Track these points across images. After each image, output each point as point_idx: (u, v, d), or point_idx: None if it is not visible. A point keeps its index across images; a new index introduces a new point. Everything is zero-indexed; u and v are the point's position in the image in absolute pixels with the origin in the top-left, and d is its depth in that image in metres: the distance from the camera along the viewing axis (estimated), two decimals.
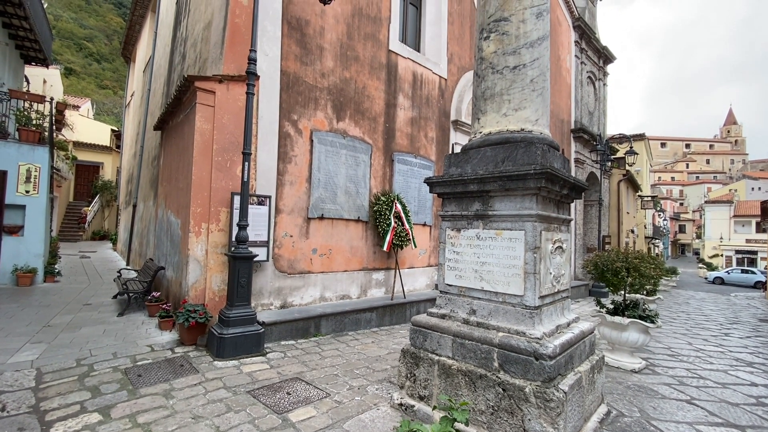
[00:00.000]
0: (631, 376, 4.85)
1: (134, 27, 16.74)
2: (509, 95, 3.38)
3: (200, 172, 5.17)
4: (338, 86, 6.72)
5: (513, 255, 3.09)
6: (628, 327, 5.03)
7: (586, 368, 3.18)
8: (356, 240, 7.00)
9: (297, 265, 6.11)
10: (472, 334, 3.13)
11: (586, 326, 3.47)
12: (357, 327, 6.30)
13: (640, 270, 4.96)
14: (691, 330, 8.63)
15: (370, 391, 3.85)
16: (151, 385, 3.72)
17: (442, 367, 3.23)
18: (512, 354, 2.87)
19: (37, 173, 8.25)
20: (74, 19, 51.97)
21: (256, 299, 5.60)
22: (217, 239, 5.21)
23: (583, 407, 3.04)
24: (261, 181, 5.65)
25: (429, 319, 3.53)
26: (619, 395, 4.12)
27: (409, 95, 8.07)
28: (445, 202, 3.66)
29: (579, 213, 14.96)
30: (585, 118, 15.64)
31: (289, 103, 6.06)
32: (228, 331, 4.49)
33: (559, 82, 13.80)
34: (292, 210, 6.05)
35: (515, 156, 3.16)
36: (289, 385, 3.89)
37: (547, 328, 3.01)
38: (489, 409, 2.90)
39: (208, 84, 5.25)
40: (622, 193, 18.46)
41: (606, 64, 17.63)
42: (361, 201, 7.05)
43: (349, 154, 6.83)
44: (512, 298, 3.08)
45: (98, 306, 6.76)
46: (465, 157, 3.54)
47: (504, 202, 3.21)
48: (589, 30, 15.50)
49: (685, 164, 73.37)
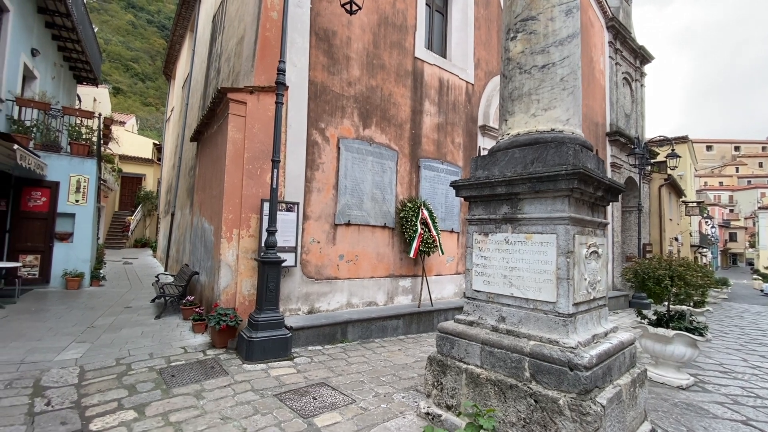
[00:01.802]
0: (677, 393, 4.50)
1: (174, 46, 17.76)
2: (538, 95, 3.28)
3: (232, 180, 5.34)
4: (364, 94, 6.79)
5: (544, 260, 2.97)
6: (673, 340, 4.69)
7: (626, 381, 2.98)
8: (382, 246, 6.99)
9: (324, 270, 6.15)
10: (501, 342, 3.01)
11: (625, 336, 3.26)
12: (383, 334, 6.24)
13: (686, 278, 4.63)
14: (746, 345, 7.95)
15: (396, 399, 3.78)
16: (183, 385, 3.83)
17: (470, 376, 3.12)
18: (545, 364, 2.73)
19: (86, 184, 8.83)
20: (122, 42, 55.88)
21: (284, 304, 5.68)
22: (247, 245, 5.35)
23: (623, 423, 2.84)
24: (289, 188, 5.76)
25: (456, 326, 3.43)
26: (664, 413, 3.83)
27: (435, 101, 8.04)
28: (472, 205, 3.58)
29: (617, 220, 14.27)
30: (621, 120, 15.00)
31: (317, 112, 6.18)
32: (257, 335, 4.57)
33: (592, 85, 13.33)
34: (319, 216, 6.13)
35: (545, 157, 3.05)
36: (316, 390, 3.89)
37: (583, 337, 2.85)
38: (520, 422, 2.76)
39: (239, 95, 5.44)
40: (663, 198, 17.46)
41: (643, 65, 16.89)
42: (388, 207, 7.04)
43: (375, 160, 6.86)
44: (544, 305, 2.94)
45: (138, 309, 7.08)
46: (492, 159, 3.45)
47: (534, 204, 3.10)
48: (623, 30, 14.93)
49: (734, 168, 68.51)
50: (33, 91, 9.04)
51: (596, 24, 13.77)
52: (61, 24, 9.82)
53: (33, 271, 8.22)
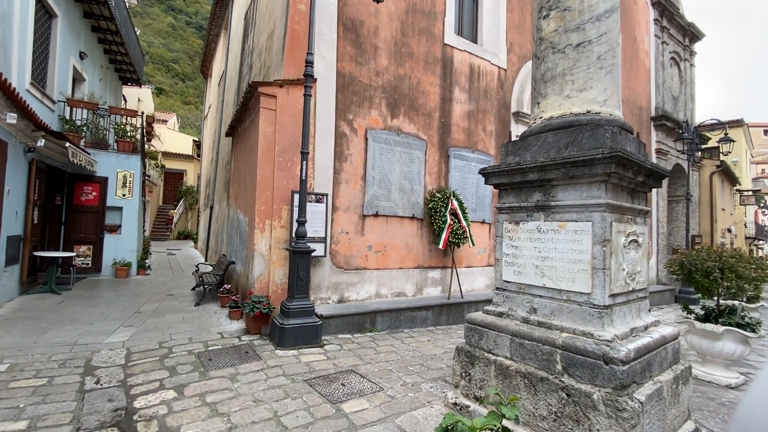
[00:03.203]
0: (725, 392, 4.21)
1: (210, 45, 18.37)
2: (572, 75, 3.11)
3: (264, 172, 5.48)
4: (392, 83, 6.73)
5: (579, 249, 2.83)
6: (722, 336, 4.37)
7: (668, 378, 2.81)
8: (411, 237, 6.95)
9: (353, 261, 6.22)
10: (532, 334, 2.92)
11: (668, 331, 3.06)
12: (412, 325, 6.24)
13: (737, 271, 4.28)
14: None
15: (424, 389, 3.77)
16: (219, 368, 4.01)
17: (499, 368, 3.05)
18: (578, 357, 2.62)
19: (131, 179, 9.37)
20: (163, 45, 58.46)
21: (315, 293, 5.80)
22: (279, 235, 5.49)
23: (664, 422, 2.68)
24: (318, 179, 5.84)
25: (485, 317, 3.37)
26: (710, 412, 3.59)
27: (465, 88, 7.84)
28: (502, 193, 3.47)
29: (662, 210, 13.44)
30: (668, 103, 14.02)
31: (345, 103, 6.19)
32: (288, 322, 4.70)
33: (636, 66, 12.52)
34: (347, 207, 6.17)
35: (580, 140, 2.90)
36: (344, 376, 3.95)
37: (620, 330, 2.70)
38: (551, 415, 2.68)
39: (270, 89, 5.55)
40: (715, 187, 16.22)
41: (693, 43, 15.65)
42: (416, 198, 6.98)
43: (403, 150, 6.81)
44: (578, 296, 2.82)
45: (179, 296, 7.48)
46: (524, 144, 3.32)
47: (568, 191, 2.95)
48: (671, 6, 13.87)
49: None
50: (82, 93, 9.67)
51: (640, 1, 12.87)
52: (105, 28, 10.40)
53: (86, 261, 8.87)
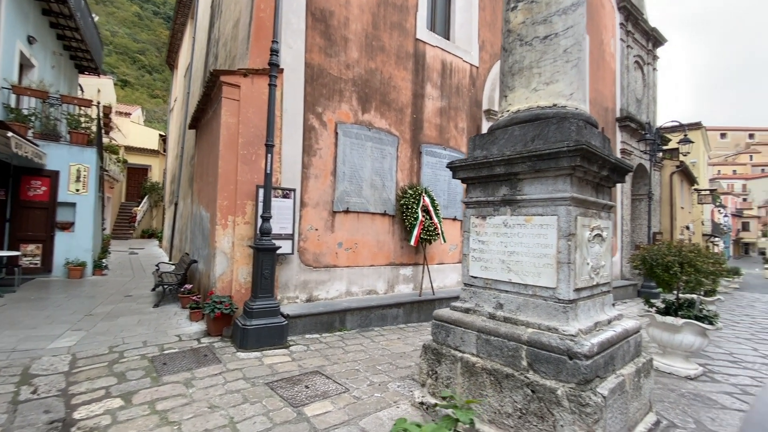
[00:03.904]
0: (685, 383, 4.34)
1: (176, 35, 17.60)
2: (539, 68, 3.08)
3: (226, 166, 5.21)
4: (363, 77, 6.59)
5: (544, 243, 2.80)
6: (681, 328, 4.51)
7: (630, 371, 2.82)
8: (382, 234, 6.84)
9: (322, 258, 6.04)
10: (498, 330, 2.87)
11: (630, 324, 3.09)
12: (383, 323, 6.14)
13: (696, 265, 4.42)
14: (756, 335, 7.71)
15: (391, 388, 3.67)
16: (174, 373, 3.76)
17: (466, 365, 2.99)
18: (543, 352, 2.58)
19: (86, 173, 8.79)
20: (129, 35, 55.70)
21: (282, 292, 5.59)
22: (243, 232, 5.24)
23: (626, 415, 2.69)
24: (286, 174, 5.63)
25: (452, 314, 3.30)
26: (671, 403, 3.67)
27: (437, 85, 7.80)
28: (470, 187, 3.41)
29: (626, 208, 13.94)
30: (632, 105, 14.55)
31: (314, 96, 6.00)
32: (251, 323, 4.48)
33: (602, 68, 12.91)
34: (317, 203, 5.99)
35: (546, 133, 2.86)
36: (309, 378, 3.79)
37: (584, 325, 2.69)
38: (516, 412, 2.63)
39: (233, 78, 5.29)
40: (675, 186, 17.01)
41: (656, 47, 16.32)
42: (388, 194, 6.88)
43: (374, 146, 6.68)
44: (543, 291, 2.79)
45: (137, 298, 7.06)
46: (491, 138, 3.27)
47: (534, 184, 2.92)
48: (635, 11, 14.39)
49: (748, 156, 66.77)
50: (31, 80, 8.97)
51: (607, 5, 13.27)
52: (58, 11, 9.69)
53: (35, 261, 8.24)
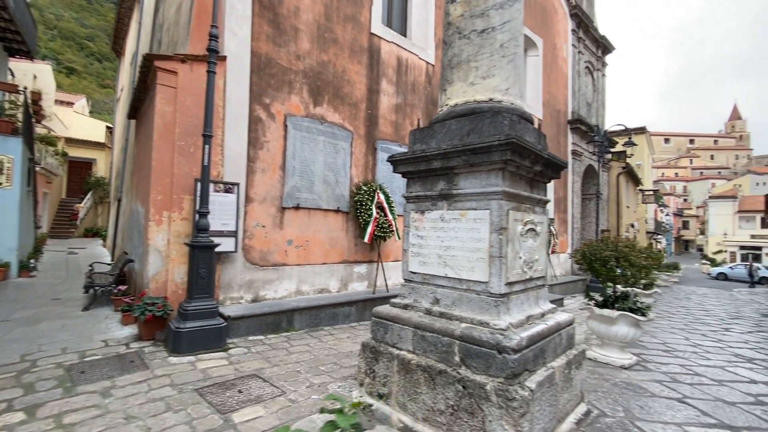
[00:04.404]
0: (619, 372, 4.52)
1: (123, 20, 16.47)
2: (477, 62, 3.06)
3: (161, 157, 4.87)
4: (315, 69, 6.40)
5: (478, 237, 2.77)
6: (617, 320, 4.70)
7: (560, 363, 2.86)
8: (336, 231, 6.69)
9: (270, 257, 5.80)
10: (432, 326, 2.82)
11: (563, 317, 3.14)
12: (334, 322, 5.99)
13: (630, 259, 4.62)
14: (689, 325, 8.27)
15: (331, 389, 3.54)
16: (91, 382, 3.43)
17: (402, 362, 2.92)
18: (474, 347, 2.56)
19: (9, 164, 7.99)
20: (75, 19, 51.73)
21: (224, 292, 5.31)
22: (180, 228, 4.92)
23: (555, 407, 2.72)
24: (229, 167, 5.34)
25: (390, 310, 3.22)
26: (604, 393, 3.80)
27: (393, 81, 7.74)
28: (410, 182, 3.34)
29: (577, 207, 14.59)
30: (583, 109, 15.24)
31: (261, 86, 5.74)
32: (185, 325, 4.20)
33: (555, 71, 13.41)
34: (264, 199, 5.74)
35: (481, 128, 2.84)
36: (244, 382, 3.59)
37: (516, 318, 2.69)
38: (449, 409, 2.58)
39: (169, 64, 4.94)
40: (621, 186, 18.03)
41: (605, 55, 17.20)
42: (341, 191, 6.73)
43: (327, 141, 6.51)
44: (477, 285, 2.76)
45: (67, 301, 6.49)
46: (430, 132, 3.21)
47: (469, 179, 2.89)
48: (586, 18, 15.08)
49: (689, 160, 72.42)
50: None
51: (560, 11, 13.80)
52: None
53: None
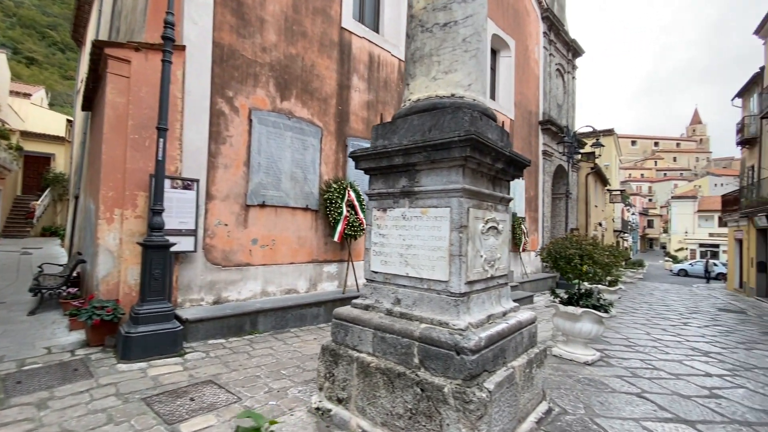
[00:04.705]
0: (583, 368, 4.58)
1: (83, 8, 15.60)
2: (439, 56, 2.98)
3: (112, 151, 4.57)
4: (282, 63, 6.20)
5: (438, 235, 2.70)
6: (581, 317, 4.76)
7: (521, 363, 2.83)
8: (304, 230, 6.52)
9: (233, 257, 5.58)
10: (392, 327, 2.73)
11: (525, 316, 3.12)
12: (302, 323, 5.83)
13: (594, 257, 4.69)
14: (651, 320, 8.57)
15: (291, 394, 3.41)
16: (28, 393, 3.16)
17: (361, 365, 2.81)
18: (433, 348, 2.48)
19: None
20: (37, 6, 48.84)
21: (183, 294, 5.06)
22: (133, 227, 4.63)
23: (516, 407, 2.69)
24: (188, 162, 5.09)
25: (351, 311, 3.11)
26: (566, 390, 3.82)
27: (365, 77, 7.62)
28: (372, 179, 3.24)
29: (547, 206, 14.91)
30: (554, 110, 15.59)
31: (224, 78, 5.50)
32: (137, 330, 3.95)
33: (527, 73, 13.63)
34: (227, 196, 5.51)
35: (442, 123, 2.77)
36: (198, 389, 3.40)
37: (476, 318, 2.64)
38: (407, 413, 2.50)
39: (121, 52, 4.65)
40: (590, 186, 18.60)
41: (575, 58, 17.66)
42: (310, 188, 6.56)
43: (295, 136, 6.33)
44: (437, 285, 2.69)
45: (12, 305, 6.04)
46: (392, 127, 3.12)
47: (431, 176, 2.82)
48: (557, 22, 15.42)
49: (653, 162, 75.81)
50: None
51: (532, 13, 14.04)
52: None
53: None
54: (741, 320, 9.89)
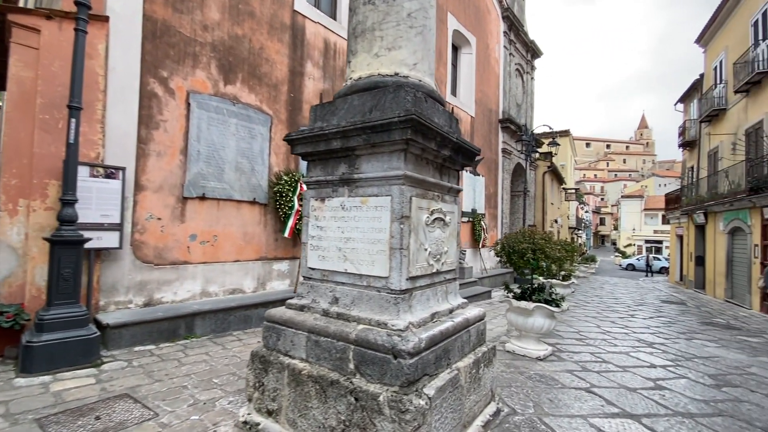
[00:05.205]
0: (535, 364, 4.53)
1: None
2: (382, 31, 2.73)
3: (16, 133, 3.96)
4: (227, 43, 5.72)
5: (379, 227, 2.45)
6: (533, 312, 4.71)
7: (467, 363, 2.65)
8: (252, 225, 6.09)
9: (168, 254, 5.07)
10: (327, 329, 2.45)
11: (473, 313, 2.95)
12: (246, 325, 5.42)
13: (546, 251, 4.65)
14: (601, 313, 8.85)
15: (219, 407, 3.05)
16: None
17: (292, 373, 2.51)
18: (369, 352, 2.23)
19: None
20: None
21: (107, 296, 4.52)
22: (42, 220, 4.04)
23: (461, 411, 2.50)
24: (113, 148, 4.54)
25: (285, 313, 2.80)
26: (517, 388, 3.71)
27: (320, 65, 7.25)
28: (310, 165, 2.94)
29: (506, 203, 15.17)
30: (513, 109, 15.87)
31: (157, 57, 4.97)
32: (40, 339, 3.42)
33: (487, 71, 13.75)
34: (160, 187, 4.99)
35: (383, 104, 2.51)
36: (109, 405, 2.96)
37: (418, 317, 2.41)
38: (340, 426, 2.24)
39: (29, 19, 4.03)
40: (547, 184, 19.20)
41: (534, 59, 18.09)
42: (258, 180, 6.13)
43: (241, 124, 5.87)
44: (377, 281, 2.44)
45: None
46: (331, 108, 2.83)
47: (371, 162, 2.56)
48: (517, 22, 15.69)
49: (606, 163, 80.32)
50: None
51: (492, 12, 14.17)
52: None
53: None
54: (681, 311, 10.48)
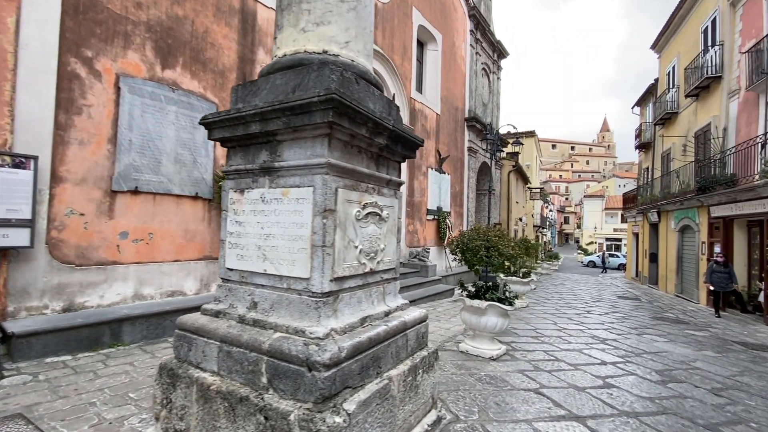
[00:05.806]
0: (487, 365, 4.40)
1: None
2: (309, 4, 2.45)
3: None
4: (165, 24, 5.25)
5: (300, 222, 2.18)
6: (486, 311, 4.58)
7: (402, 371, 2.43)
8: (194, 222, 5.65)
9: (93, 253, 4.58)
10: (240, 338, 2.16)
11: (412, 315, 2.73)
12: None
13: (499, 248, 4.53)
14: (559, 310, 8.95)
15: (127, 426, 2.68)
16: None
17: (201, 388, 2.20)
18: (282, 364, 1.96)
19: None
20: None
21: (17, 301, 4.00)
22: None
23: (392, 425, 2.27)
24: (23, 135, 4.01)
25: (198, 319, 2.48)
26: (465, 391, 3.55)
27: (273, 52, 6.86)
28: (230, 152, 2.62)
29: (472, 201, 15.25)
30: (479, 108, 15.97)
31: (80, 34, 4.46)
32: None
33: (453, 69, 13.72)
34: (83, 179, 4.49)
35: (307, 83, 2.24)
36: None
37: (344, 322, 2.16)
38: None
39: None
40: (512, 184, 19.50)
41: (500, 59, 18.30)
42: (201, 173, 5.69)
43: (181, 112, 5.42)
44: (298, 283, 2.17)
45: None
46: (253, 88, 2.53)
47: (294, 148, 2.28)
48: (484, 22, 15.78)
49: (570, 164, 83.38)
50: None
51: (459, 10, 14.15)
52: None
53: None
54: (635, 306, 10.83)
